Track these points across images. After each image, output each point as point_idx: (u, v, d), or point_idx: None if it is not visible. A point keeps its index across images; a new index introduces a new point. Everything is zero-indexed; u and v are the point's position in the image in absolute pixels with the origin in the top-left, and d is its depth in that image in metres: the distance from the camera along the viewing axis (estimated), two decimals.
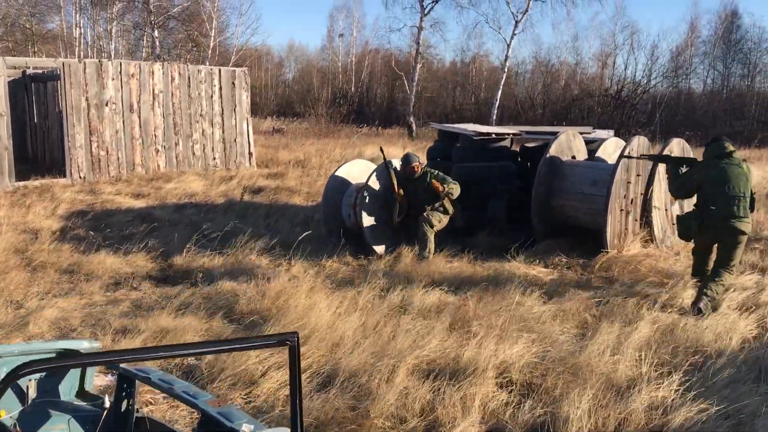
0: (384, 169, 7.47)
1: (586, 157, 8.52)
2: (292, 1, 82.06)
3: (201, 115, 15.02)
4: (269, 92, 52.80)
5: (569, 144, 8.15)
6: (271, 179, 13.04)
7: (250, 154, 15.95)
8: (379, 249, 7.49)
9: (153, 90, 14.18)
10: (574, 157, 8.25)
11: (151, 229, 8.64)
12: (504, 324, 5.14)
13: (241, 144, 15.78)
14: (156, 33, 33.00)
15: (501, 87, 31.36)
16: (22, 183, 12.34)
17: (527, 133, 8.92)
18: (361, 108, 42.23)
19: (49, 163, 14.90)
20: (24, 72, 15.56)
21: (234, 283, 6.21)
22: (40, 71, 15.52)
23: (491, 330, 5.02)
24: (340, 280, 6.41)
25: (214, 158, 15.26)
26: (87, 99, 13.14)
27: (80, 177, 13.06)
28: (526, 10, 30.66)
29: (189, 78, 14.79)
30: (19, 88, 15.65)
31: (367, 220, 7.42)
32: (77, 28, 38.30)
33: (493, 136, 8.28)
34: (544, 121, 33.58)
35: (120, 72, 13.64)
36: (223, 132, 15.44)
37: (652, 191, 7.82)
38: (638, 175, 7.73)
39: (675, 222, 6.68)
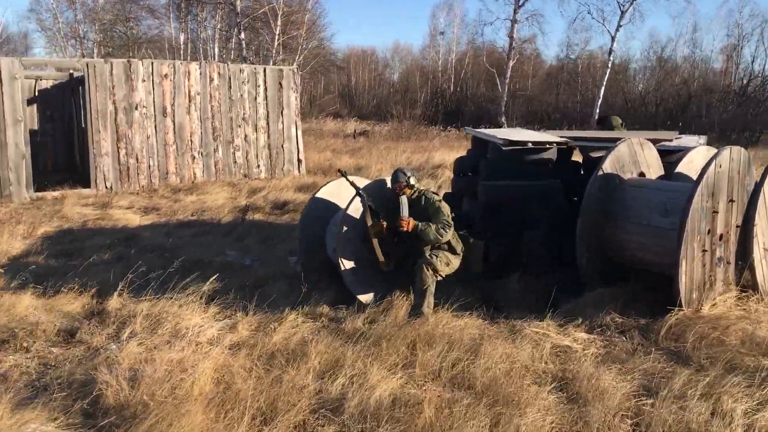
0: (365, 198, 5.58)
1: (662, 173, 6.30)
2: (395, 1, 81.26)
3: (243, 118, 13.73)
4: (370, 93, 51.91)
5: (634, 157, 5.97)
6: (302, 191, 11.44)
7: (299, 160, 14.50)
8: (365, 298, 5.65)
9: (189, 92, 13.02)
10: (642, 174, 6.07)
11: (118, 257, 7.29)
12: None
13: (290, 150, 14.36)
14: (243, 35, 32.63)
15: (604, 84, 28.45)
16: (41, 194, 11.50)
17: (577, 140, 6.74)
18: (459, 107, 40.19)
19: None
20: (71, 74, 14.78)
21: (142, 350, 4.64)
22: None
23: None
24: (281, 350, 4.63)
25: (258, 166, 13.92)
26: (114, 102, 12.16)
27: (106, 187, 12.09)
28: None
29: (230, 78, 13.53)
30: (66, 92, 14.99)
31: (348, 260, 5.60)
32: (182, 33, 38.89)
33: (530, 145, 6.21)
34: (657, 120, 30.18)
35: (152, 73, 12.57)
36: (268, 137, 14.08)
37: (754, 223, 5.57)
38: (731, 201, 5.48)
39: None
